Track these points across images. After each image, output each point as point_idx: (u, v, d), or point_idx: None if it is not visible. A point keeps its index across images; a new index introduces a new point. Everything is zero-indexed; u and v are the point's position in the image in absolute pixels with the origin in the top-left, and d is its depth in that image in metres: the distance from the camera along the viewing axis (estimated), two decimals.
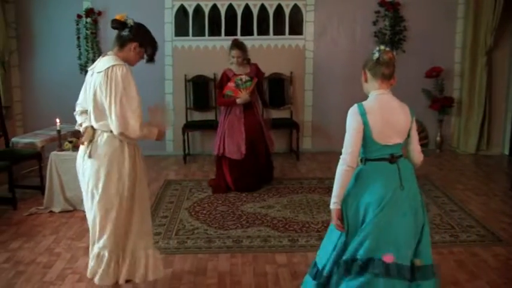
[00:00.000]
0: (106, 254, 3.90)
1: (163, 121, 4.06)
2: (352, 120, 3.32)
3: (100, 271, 3.92)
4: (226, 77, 6.94)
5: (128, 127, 3.70)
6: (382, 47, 3.43)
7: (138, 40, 3.86)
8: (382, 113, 3.33)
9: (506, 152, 8.96)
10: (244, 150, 6.83)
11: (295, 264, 4.87)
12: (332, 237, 3.50)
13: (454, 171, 8.01)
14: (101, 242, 3.90)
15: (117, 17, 3.91)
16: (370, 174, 3.37)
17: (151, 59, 4.01)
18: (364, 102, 3.38)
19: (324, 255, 3.51)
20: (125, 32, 3.87)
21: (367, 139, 3.33)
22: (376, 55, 3.38)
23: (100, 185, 3.82)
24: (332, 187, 3.39)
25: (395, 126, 3.37)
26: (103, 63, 3.79)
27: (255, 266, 4.85)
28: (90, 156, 3.86)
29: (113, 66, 3.72)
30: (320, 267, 3.51)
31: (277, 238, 5.48)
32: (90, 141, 3.86)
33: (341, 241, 3.41)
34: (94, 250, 3.95)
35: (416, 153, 3.55)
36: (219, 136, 6.99)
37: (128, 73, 3.72)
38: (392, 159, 3.37)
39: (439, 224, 5.78)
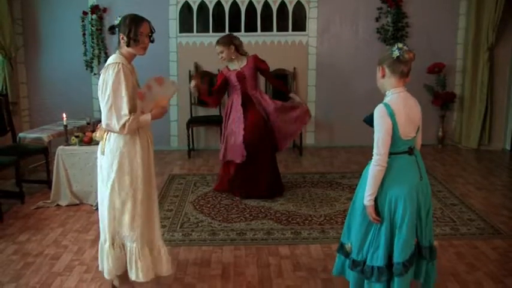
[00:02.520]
0: (134, 246, 4.02)
1: (162, 94, 4.05)
2: (383, 122, 3.44)
3: (136, 267, 4.03)
4: (221, 76, 6.62)
5: (110, 124, 3.82)
6: (401, 45, 3.52)
7: (121, 31, 3.90)
8: (405, 112, 3.49)
9: (508, 147, 9.02)
10: (244, 152, 6.35)
11: (297, 256, 4.96)
12: (367, 231, 3.67)
13: (455, 166, 8.08)
14: (122, 234, 4.02)
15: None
16: (395, 168, 3.54)
17: (133, 39, 3.88)
18: (389, 102, 3.50)
19: (364, 248, 3.69)
20: (116, 32, 3.97)
21: (394, 137, 3.48)
22: (397, 53, 3.47)
23: (114, 177, 3.92)
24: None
25: (414, 122, 3.57)
26: (107, 62, 3.92)
27: (258, 258, 4.94)
28: (103, 153, 4.00)
29: (108, 65, 3.83)
30: (360, 259, 3.69)
31: (280, 231, 5.56)
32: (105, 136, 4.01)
33: (377, 231, 3.61)
34: (116, 242, 4.04)
35: (419, 143, 3.75)
36: (222, 140, 6.69)
37: (120, 72, 3.77)
38: (411, 151, 3.59)
39: (440, 217, 5.86)
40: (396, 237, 3.53)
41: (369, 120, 3.54)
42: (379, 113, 3.46)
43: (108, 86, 3.77)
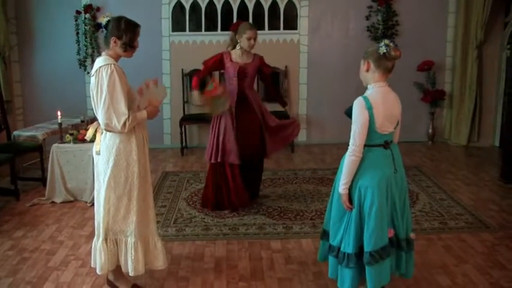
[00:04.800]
0: (129, 240, 4.07)
1: (154, 96, 4.12)
2: (360, 114, 3.58)
3: (130, 261, 4.08)
4: (218, 61, 5.97)
5: (111, 124, 3.87)
6: (387, 41, 3.62)
7: (113, 34, 3.94)
8: (384, 107, 3.61)
9: (497, 144, 9.14)
10: (237, 153, 5.87)
11: (289, 250, 5.06)
12: (342, 219, 3.82)
13: (445, 162, 8.20)
14: (116, 229, 4.07)
15: (100, 18, 4.05)
16: (369, 159, 3.68)
17: (129, 45, 3.98)
18: (368, 96, 3.63)
19: (338, 234, 3.84)
20: (103, 32, 4.00)
21: (369, 130, 3.61)
22: (383, 49, 3.58)
23: (110, 174, 3.98)
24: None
25: (392, 117, 3.69)
26: (95, 65, 3.96)
27: (250, 252, 5.04)
28: (98, 153, 4.05)
29: (99, 67, 3.87)
30: (335, 244, 3.84)
31: (272, 226, 5.65)
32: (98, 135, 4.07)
33: (349, 219, 3.75)
34: (109, 237, 4.09)
35: (397, 136, 3.88)
36: (214, 140, 5.95)
37: (114, 73, 3.83)
38: (387, 145, 3.71)
39: (429, 212, 5.97)
40: (365, 226, 3.66)
41: (349, 113, 3.67)
42: (357, 106, 3.59)
43: (104, 88, 3.81)
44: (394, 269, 3.87)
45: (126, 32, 3.93)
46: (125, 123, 3.84)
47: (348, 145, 3.68)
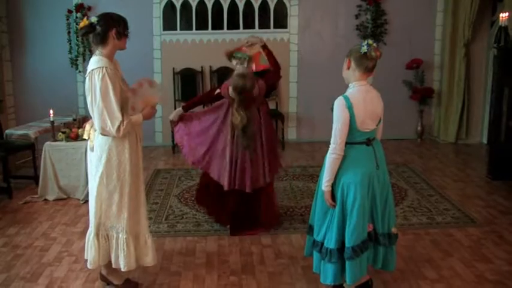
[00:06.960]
0: (120, 236, 4.12)
1: (150, 96, 4.14)
2: (341, 113, 3.64)
3: (122, 256, 4.12)
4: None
5: (106, 129, 3.90)
6: (371, 42, 3.69)
7: (113, 26, 3.92)
8: (365, 105, 3.67)
9: (485, 141, 9.25)
10: None
11: (279, 245, 5.14)
12: (326, 215, 3.89)
13: (433, 159, 8.30)
14: (107, 225, 4.12)
15: (81, 24, 3.99)
16: (351, 157, 3.73)
17: (125, 34, 4.00)
18: (349, 95, 3.70)
19: (322, 230, 3.90)
20: (98, 30, 3.92)
21: (351, 128, 3.67)
22: (365, 49, 3.65)
23: (102, 170, 4.02)
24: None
25: (373, 115, 3.75)
26: (89, 66, 3.96)
27: (241, 247, 5.12)
28: (92, 149, 4.09)
29: (92, 70, 3.87)
30: (319, 239, 3.91)
31: None
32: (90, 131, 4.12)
33: (332, 215, 3.81)
34: (101, 232, 4.14)
35: (380, 133, 3.95)
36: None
37: (105, 76, 3.82)
38: (369, 142, 3.77)
39: (417, 208, 6.07)
40: (347, 222, 3.73)
41: None
42: (338, 105, 3.65)
43: (97, 93, 3.83)
44: (371, 262, 3.95)
45: (119, 22, 3.95)
46: (119, 127, 3.86)
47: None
